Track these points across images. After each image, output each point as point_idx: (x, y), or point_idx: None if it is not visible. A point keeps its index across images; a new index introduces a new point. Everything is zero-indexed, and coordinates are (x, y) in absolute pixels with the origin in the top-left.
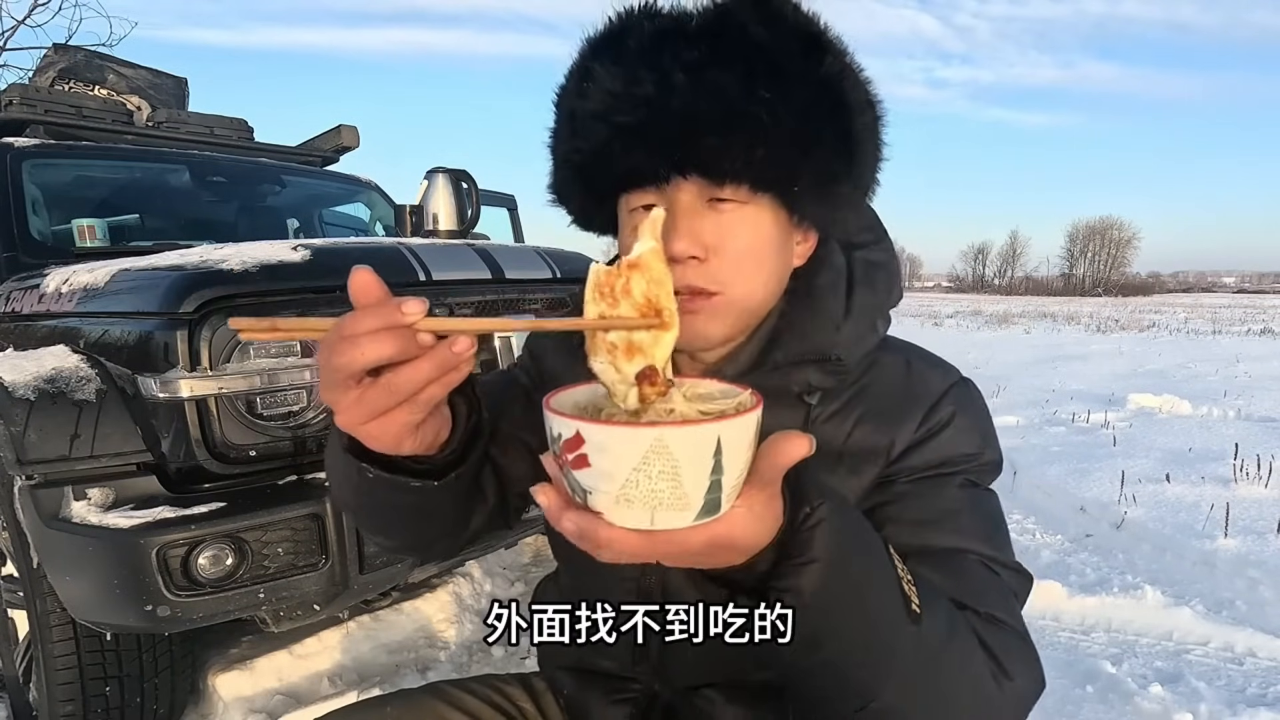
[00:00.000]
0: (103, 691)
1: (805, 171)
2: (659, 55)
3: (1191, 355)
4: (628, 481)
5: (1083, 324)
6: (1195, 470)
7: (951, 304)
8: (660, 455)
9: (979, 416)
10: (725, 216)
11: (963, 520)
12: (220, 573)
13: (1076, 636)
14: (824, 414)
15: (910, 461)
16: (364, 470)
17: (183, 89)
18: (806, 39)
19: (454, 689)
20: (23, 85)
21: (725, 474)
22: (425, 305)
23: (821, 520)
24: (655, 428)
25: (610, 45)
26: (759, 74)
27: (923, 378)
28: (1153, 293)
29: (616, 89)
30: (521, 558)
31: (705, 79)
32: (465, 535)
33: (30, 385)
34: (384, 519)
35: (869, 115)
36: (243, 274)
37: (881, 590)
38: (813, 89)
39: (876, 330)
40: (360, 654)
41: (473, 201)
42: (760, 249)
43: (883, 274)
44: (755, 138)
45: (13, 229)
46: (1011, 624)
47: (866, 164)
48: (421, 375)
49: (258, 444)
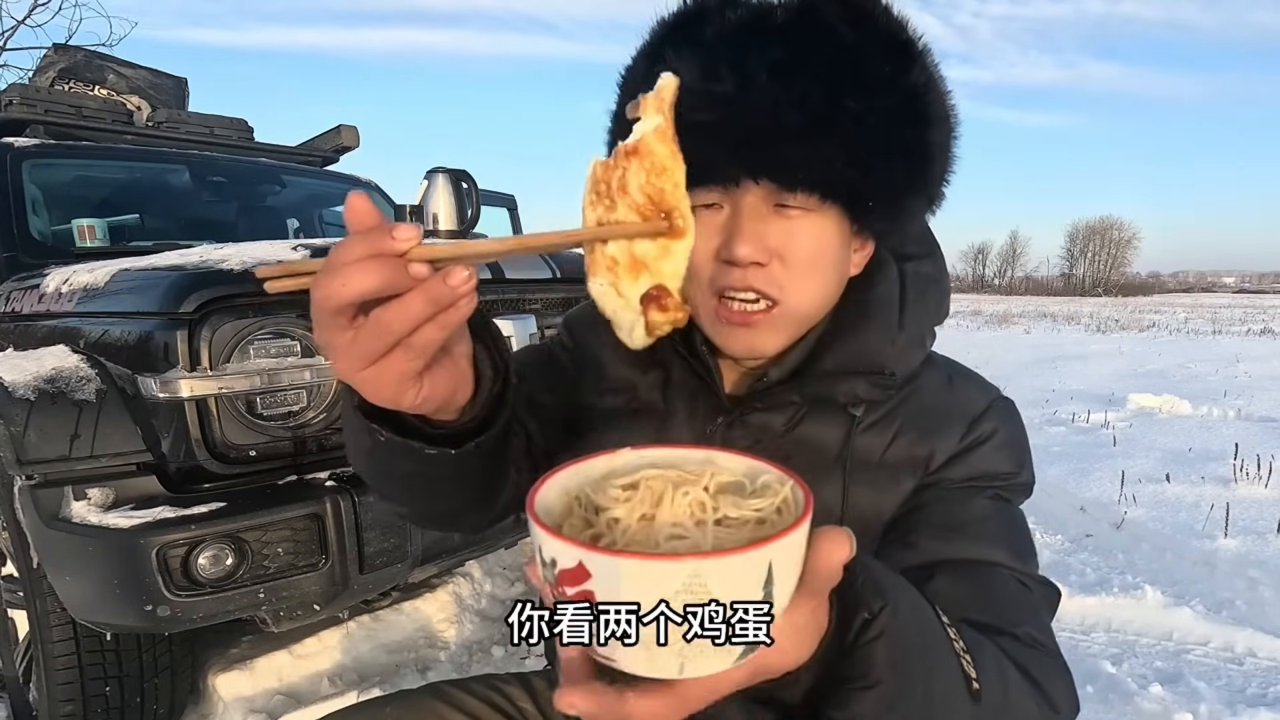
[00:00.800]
0: (103, 691)
1: (879, 185)
2: (742, 51)
3: (1191, 355)
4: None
5: (1083, 324)
6: (1195, 470)
7: (952, 304)
8: (695, 593)
9: (1019, 436)
10: (792, 223)
11: (990, 528)
12: (220, 573)
13: (1076, 636)
14: (865, 423)
15: (948, 473)
16: (374, 432)
17: (183, 89)
18: (896, 45)
19: (454, 689)
20: (23, 85)
21: (776, 602)
22: (419, 231)
23: (882, 633)
24: (689, 560)
25: (686, 30)
26: (845, 80)
27: (966, 392)
28: (1153, 293)
29: (693, 82)
30: (521, 558)
31: (790, 82)
32: (493, 511)
33: (30, 385)
34: (398, 487)
35: (945, 129)
36: (243, 274)
37: (945, 682)
38: (897, 100)
39: (925, 346)
40: (360, 654)
41: (473, 201)
42: (822, 258)
43: (934, 289)
44: (835, 148)
45: (13, 229)
46: (1048, 644)
47: (937, 178)
48: (413, 312)
49: (258, 444)
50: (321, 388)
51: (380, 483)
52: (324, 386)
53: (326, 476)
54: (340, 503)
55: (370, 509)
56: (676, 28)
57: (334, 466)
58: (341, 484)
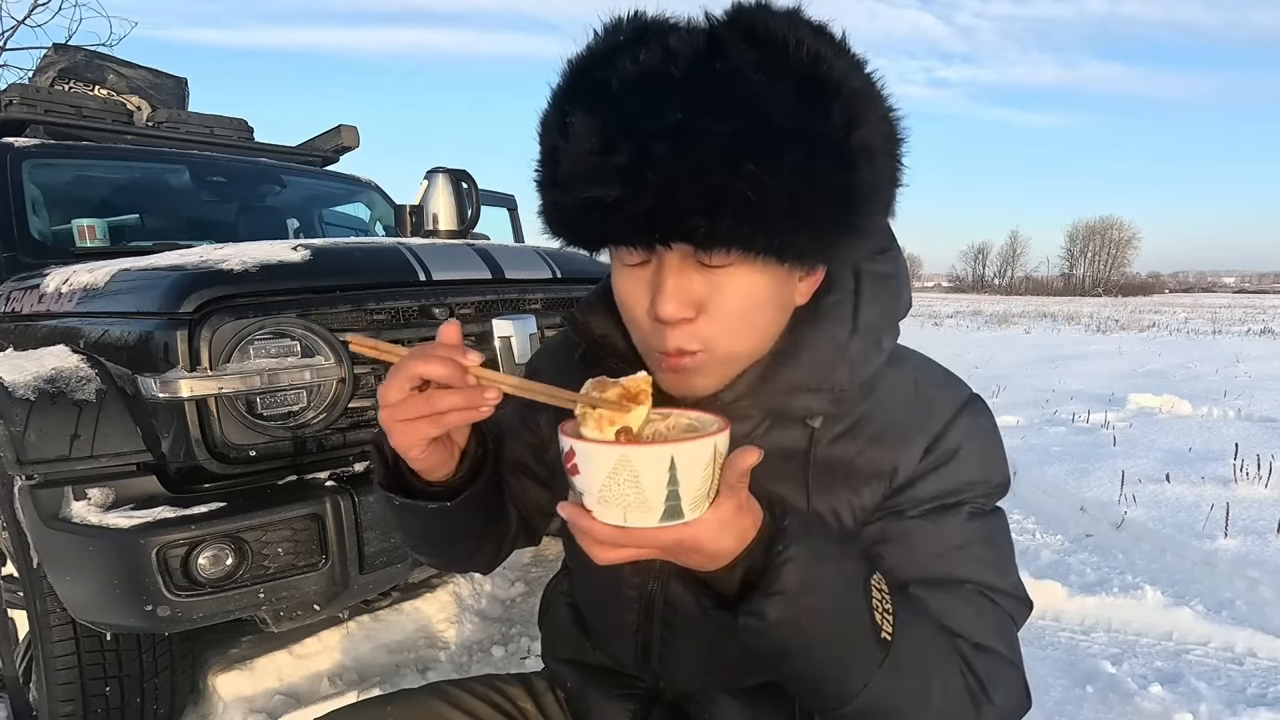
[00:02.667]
0: (103, 691)
1: (801, 236)
2: (640, 113)
3: (1191, 355)
4: (603, 486)
5: (1083, 324)
6: (1195, 470)
7: (951, 304)
8: (625, 468)
9: (988, 441)
10: (717, 275)
11: (968, 553)
12: (220, 573)
13: (1076, 636)
14: (829, 436)
15: (917, 492)
16: (390, 499)
17: (183, 89)
18: (813, 85)
19: (454, 689)
20: (23, 85)
21: (682, 486)
22: (482, 358)
23: (790, 560)
24: (620, 447)
25: (592, 77)
26: (748, 141)
27: (929, 400)
28: (1153, 293)
29: (594, 149)
30: (522, 558)
31: (687, 150)
32: (500, 552)
33: (30, 385)
34: (423, 542)
35: (879, 162)
36: (243, 274)
37: (848, 618)
38: (811, 150)
39: (882, 347)
40: (360, 654)
41: (473, 201)
42: (752, 307)
43: (890, 285)
44: (742, 216)
45: (13, 229)
46: (1001, 651)
47: (868, 214)
48: (454, 401)
49: (258, 444)
50: (321, 388)
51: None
52: (324, 387)
53: (326, 476)
54: (340, 503)
55: (370, 509)
56: (583, 75)
57: (334, 466)
58: (341, 484)
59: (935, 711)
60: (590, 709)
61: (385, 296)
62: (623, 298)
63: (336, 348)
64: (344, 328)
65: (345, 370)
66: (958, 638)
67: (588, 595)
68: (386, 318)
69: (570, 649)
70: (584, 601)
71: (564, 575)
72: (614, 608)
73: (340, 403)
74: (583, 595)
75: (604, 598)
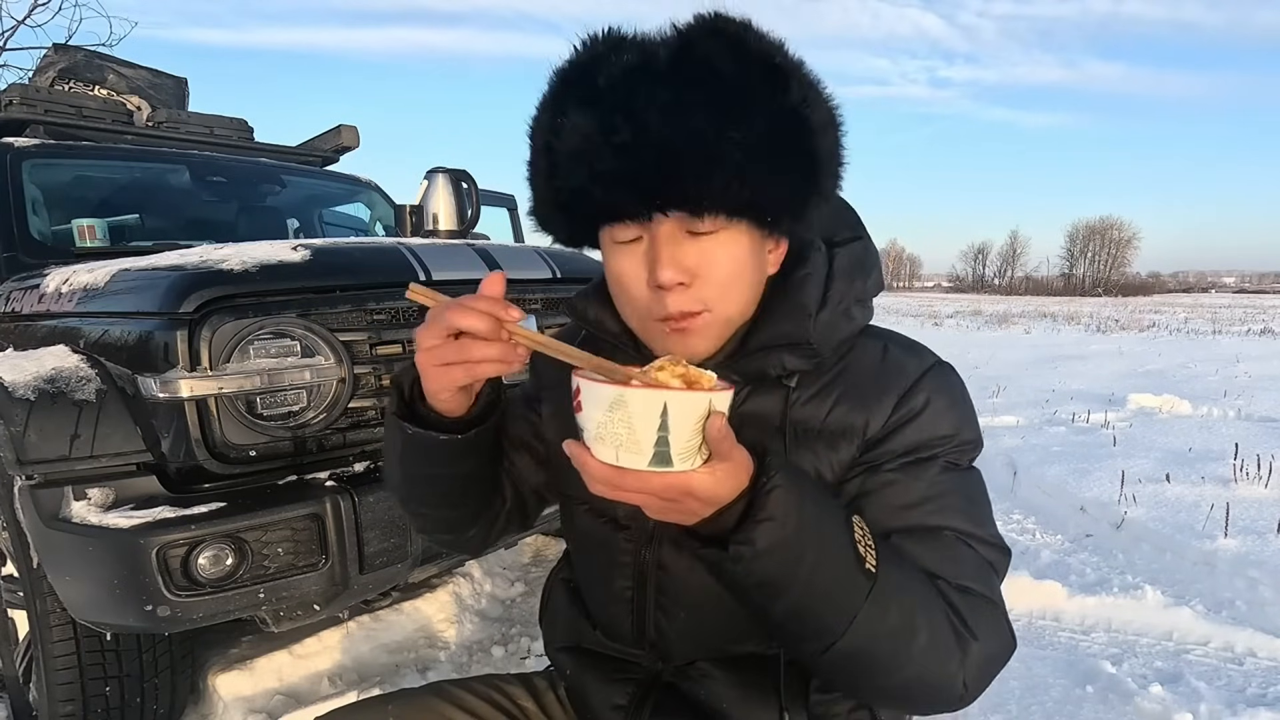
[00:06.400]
0: (103, 691)
1: (776, 197)
2: (632, 97)
3: (1191, 355)
4: (599, 424)
5: (1083, 324)
6: (1195, 470)
7: (951, 304)
8: (620, 407)
9: (955, 398)
10: (706, 243)
11: (943, 502)
12: (220, 573)
13: (1076, 636)
14: (804, 397)
15: (890, 446)
16: (404, 428)
17: (183, 89)
18: (770, 68)
19: (455, 688)
20: (23, 85)
21: (671, 433)
22: (523, 315)
23: (777, 486)
24: (618, 387)
25: (580, 82)
26: (729, 111)
27: (898, 362)
28: (1153, 293)
29: (592, 132)
30: (522, 558)
31: (680, 122)
32: (492, 531)
33: (30, 385)
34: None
35: (830, 133)
36: (243, 274)
37: (833, 547)
38: (779, 118)
39: (852, 317)
40: (360, 654)
41: (473, 201)
42: (739, 269)
43: (859, 266)
44: (731, 175)
45: (13, 229)
46: (982, 592)
47: (829, 178)
48: (488, 352)
49: (258, 444)
50: (321, 388)
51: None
52: (324, 387)
53: (326, 476)
54: (340, 503)
55: (370, 509)
56: (572, 79)
57: (334, 466)
58: (341, 484)
59: (920, 649)
60: (589, 694)
61: (385, 296)
62: (619, 275)
63: (336, 348)
64: (344, 328)
65: (345, 370)
66: (939, 579)
67: (585, 570)
68: (386, 318)
69: (569, 634)
70: (582, 577)
71: (564, 563)
72: (610, 575)
73: (340, 403)
74: (581, 572)
75: (600, 567)
